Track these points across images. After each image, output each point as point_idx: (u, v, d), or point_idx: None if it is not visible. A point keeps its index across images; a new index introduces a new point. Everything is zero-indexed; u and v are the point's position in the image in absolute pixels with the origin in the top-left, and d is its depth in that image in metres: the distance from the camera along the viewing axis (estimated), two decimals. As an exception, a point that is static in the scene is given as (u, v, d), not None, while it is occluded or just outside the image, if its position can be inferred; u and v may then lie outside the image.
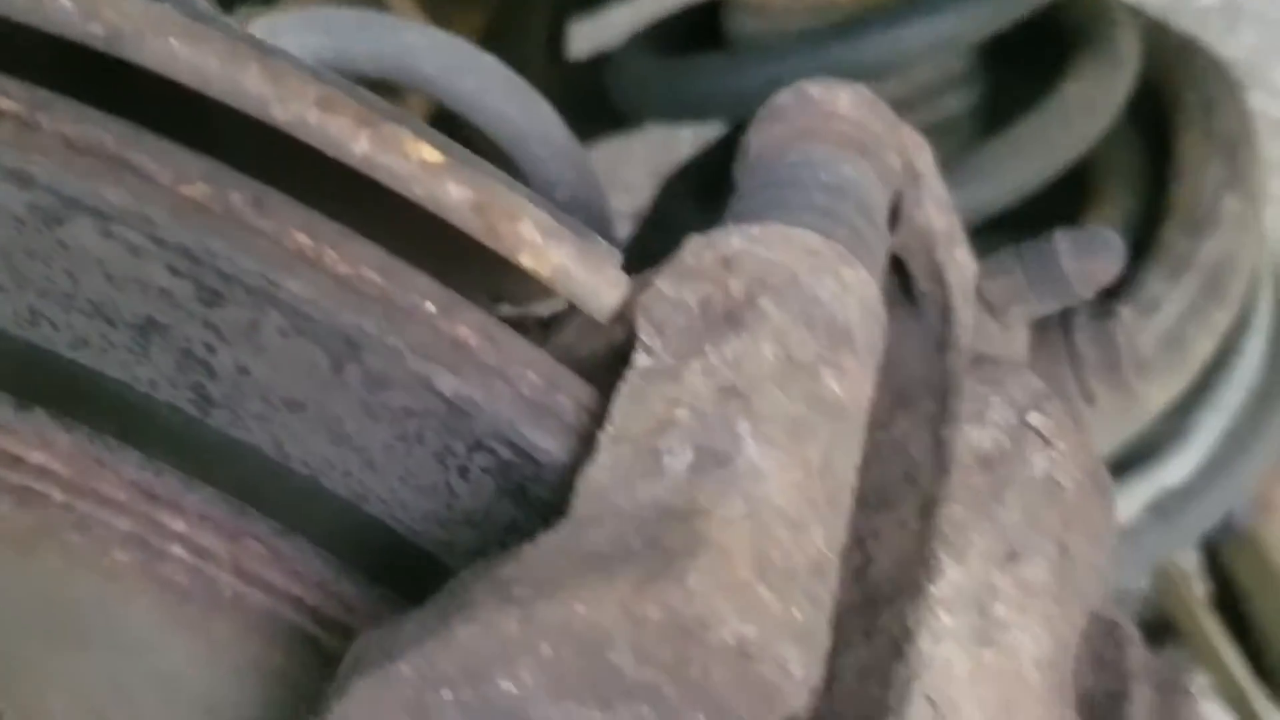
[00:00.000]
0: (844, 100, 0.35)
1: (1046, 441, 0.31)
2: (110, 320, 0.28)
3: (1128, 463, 0.71)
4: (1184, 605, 1.05)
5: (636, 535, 0.23)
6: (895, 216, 0.35)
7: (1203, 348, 0.71)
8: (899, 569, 0.28)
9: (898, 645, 0.26)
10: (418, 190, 0.26)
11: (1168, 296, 0.70)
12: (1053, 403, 0.32)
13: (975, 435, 0.30)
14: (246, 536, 0.31)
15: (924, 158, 0.35)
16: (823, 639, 0.24)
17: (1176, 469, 0.71)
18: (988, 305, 0.39)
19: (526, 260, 0.26)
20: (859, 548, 0.29)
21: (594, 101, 0.86)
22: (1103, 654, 0.37)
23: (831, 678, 0.26)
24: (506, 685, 0.24)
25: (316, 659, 0.31)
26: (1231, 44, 2.18)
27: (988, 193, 0.73)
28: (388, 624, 0.27)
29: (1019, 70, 0.83)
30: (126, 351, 0.28)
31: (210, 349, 0.28)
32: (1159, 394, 0.71)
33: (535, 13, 1.01)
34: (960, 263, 0.36)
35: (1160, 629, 1.25)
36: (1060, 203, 0.81)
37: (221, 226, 0.26)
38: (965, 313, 0.35)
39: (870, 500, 0.30)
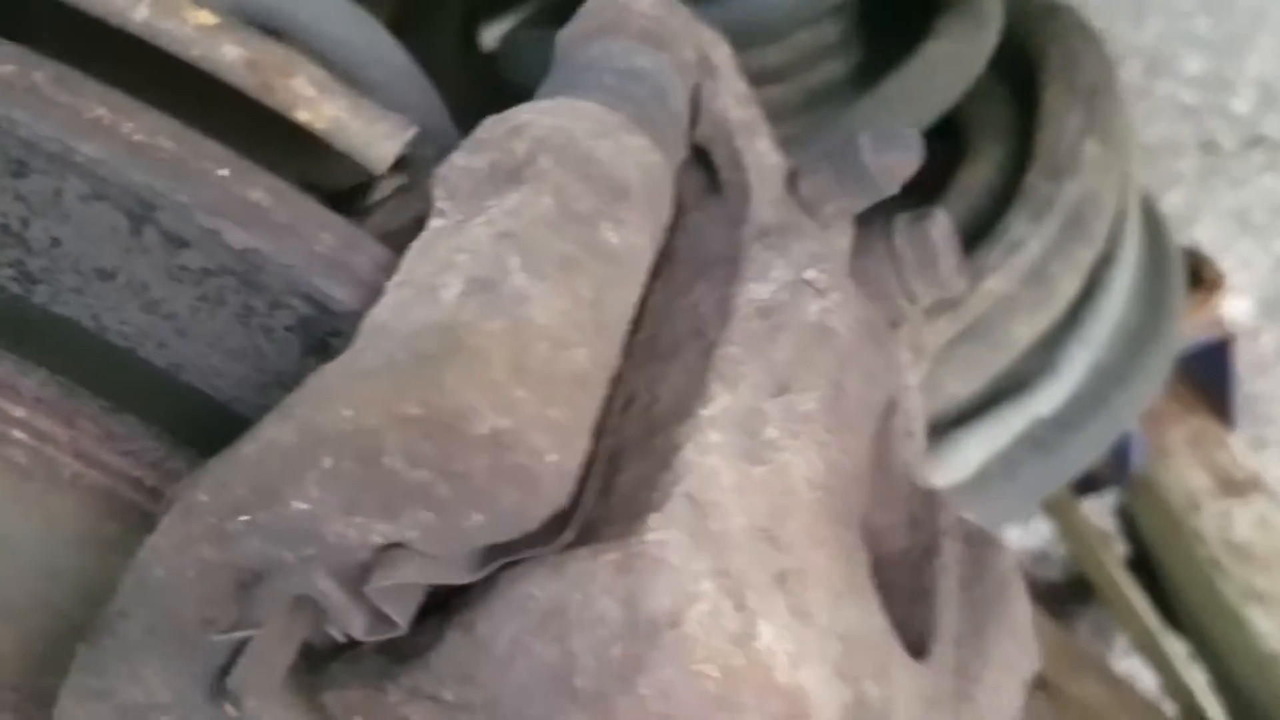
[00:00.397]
0: (644, 1, 0.37)
1: (820, 293, 0.33)
2: (-78, 199, 0.29)
3: (1001, 394, 0.74)
4: (1101, 567, 1.08)
5: (402, 349, 0.25)
6: (695, 109, 0.37)
7: (1067, 283, 0.75)
8: (678, 401, 0.30)
9: (666, 457, 0.28)
10: (195, 51, 0.28)
11: (1031, 236, 0.74)
12: (830, 262, 0.34)
13: (756, 290, 0.33)
14: (81, 418, 0.33)
15: (720, 53, 0.38)
16: (581, 439, 0.26)
17: (1047, 399, 0.74)
18: (803, 203, 0.41)
19: (302, 114, 0.28)
20: (648, 390, 0.31)
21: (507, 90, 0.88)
22: (917, 516, 0.39)
23: (609, 493, 0.28)
24: (298, 504, 0.26)
25: (150, 529, 0.33)
26: (1139, 33, 2.26)
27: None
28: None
29: (895, 36, 0.87)
30: (-58, 231, 0.30)
31: (24, 222, 0.29)
32: (1025, 328, 0.74)
33: (446, 6, 1.03)
34: (760, 151, 0.38)
35: (1080, 590, 1.29)
36: (940, 158, 0.84)
37: (24, 99, 0.28)
38: (763, 193, 0.37)
39: (663, 351, 0.32)
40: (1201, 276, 0.97)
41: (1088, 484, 1.09)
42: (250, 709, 0.27)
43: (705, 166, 0.39)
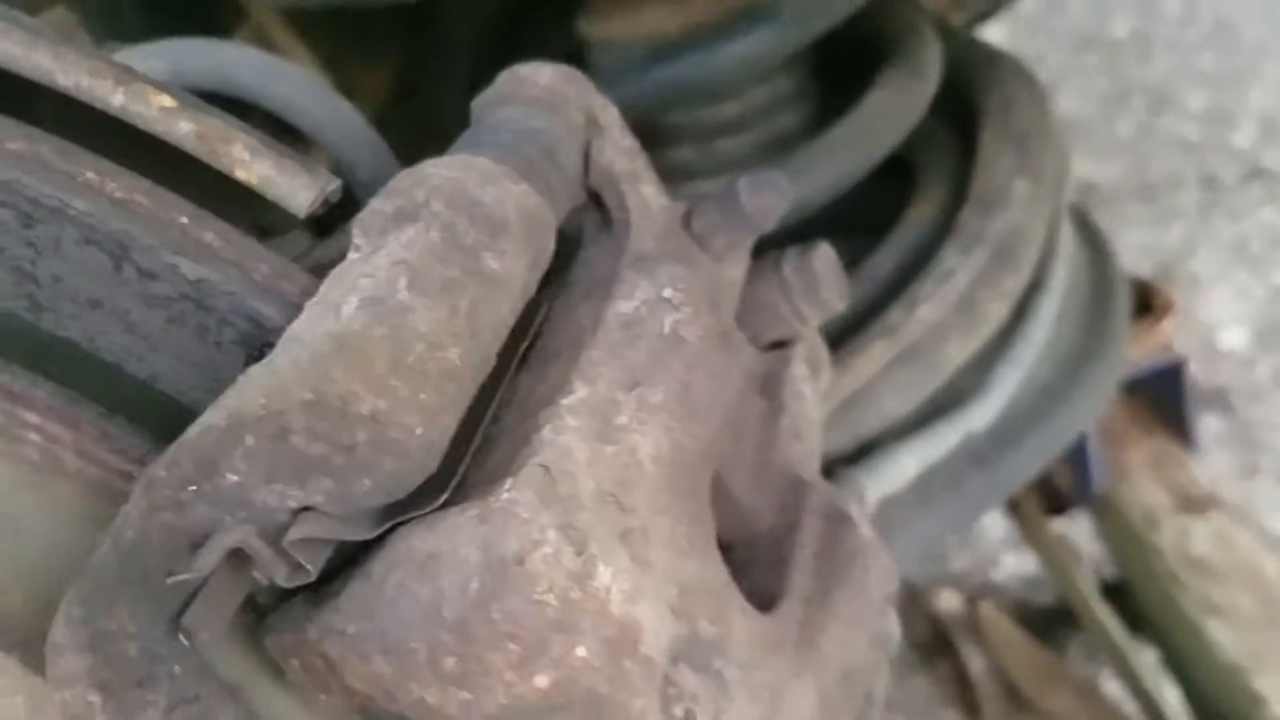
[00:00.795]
0: (544, 74, 0.45)
1: (675, 308, 0.40)
2: (-40, 250, 0.38)
3: (936, 412, 0.80)
4: (1072, 585, 1.13)
5: (304, 352, 0.33)
6: (587, 161, 0.45)
7: (995, 310, 0.81)
8: (546, 394, 0.37)
9: (528, 436, 0.35)
10: (159, 127, 0.36)
11: (960, 267, 0.80)
12: (688, 283, 0.42)
13: (623, 306, 0.40)
14: (83, 422, 0.41)
15: (609, 115, 0.46)
16: (447, 418, 0.33)
17: (980, 415, 0.80)
18: (696, 238, 0.49)
19: (240, 173, 0.36)
20: (529, 390, 0.39)
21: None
22: (786, 501, 0.46)
23: (481, 467, 0.36)
24: (230, 475, 0.34)
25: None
26: (1146, 70, 2.31)
27: (805, 190, 0.83)
28: (164, 455, 0.36)
29: (845, 89, 0.94)
30: (-22, 273, 0.38)
31: (33, 263, 0.38)
32: (956, 351, 0.80)
33: (454, 61, 1.12)
34: (645, 194, 0.46)
35: (1072, 615, 1.33)
36: (890, 198, 0.92)
37: (30, 166, 0.36)
38: (645, 228, 0.44)
39: (546, 359, 0.40)
40: (1151, 304, 1.03)
41: (1055, 505, 1.14)
42: (201, 642, 0.35)
43: (600, 208, 0.46)
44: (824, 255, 0.52)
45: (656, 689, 0.35)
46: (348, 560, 0.36)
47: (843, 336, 0.80)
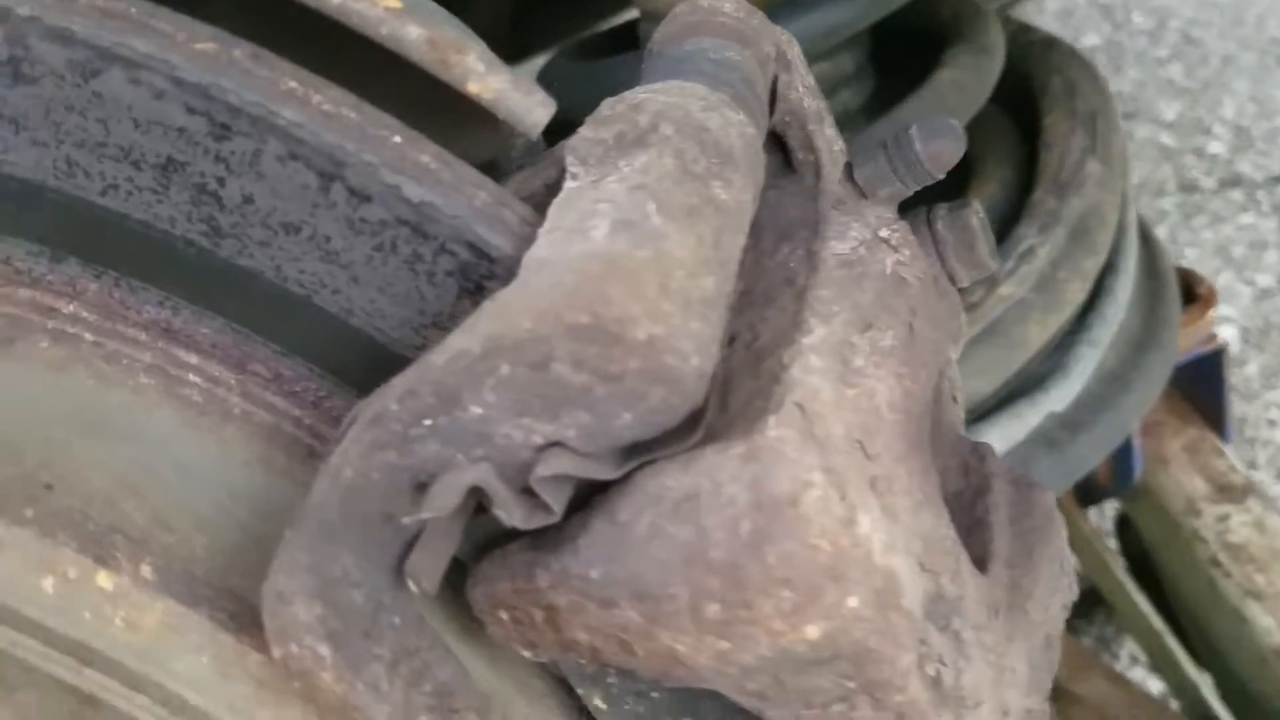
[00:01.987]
0: (727, 5, 0.43)
1: (894, 249, 0.38)
2: (136, 163, 0.34)
3: (1018, 392, 0.79)
4: (1107, 571, 1.13)
5: (567, 273, 0.30)
6: (773, 99, 0.43)
7: (1074, 290, 0.80)
8: (779, 334, 0.35)
9: (776, 374, 0.33)
10: (384, 30, 0.33)
11: (1040, 245, 0.80)
12: (900, 223, 0.40)
13: (838, 246, 0.38)
14: (252, 362, 0.38)
15: (794, 51, 0.44)
16: (713, 347, 0.31)
17: (1059, 397, 0.79)
18: (859, 189, 0.47)
19: (473, 86, 0.33)
20: (749, 330, 0.36)
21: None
22: (968, 463, 0.44)
23: (725, 409, 0.33)
24: (474, 408, 0.31)
25: (314, 459, 0.37)
26: (1119, 81, 2.35)
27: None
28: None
29: (905, 70, 0.93)
30: (150, 192, 0.35)
31: (220, 181, 0.34)
32: (1037, 330, 0.79)
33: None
34: (828, 135, 0.44)
35: (1085, 606, 1.34)
36: (949, 181, 0.90)
37: (229, 70, 0.33)
38: (832, 173, 0.42)
39: (758, 300, 0.38)
40: (1194, 292, 1.04)
41: (1091, 494, 1.14)
42: (424, 590, 0.32)
43: (780, 149, 0.44)
44: (977, 212, 0.50)
45: (915, 645, 0.33)
46: (578, 504, 0.33)
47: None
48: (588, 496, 0.33)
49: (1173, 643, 1.04)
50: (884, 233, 0.39)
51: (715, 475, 0.31)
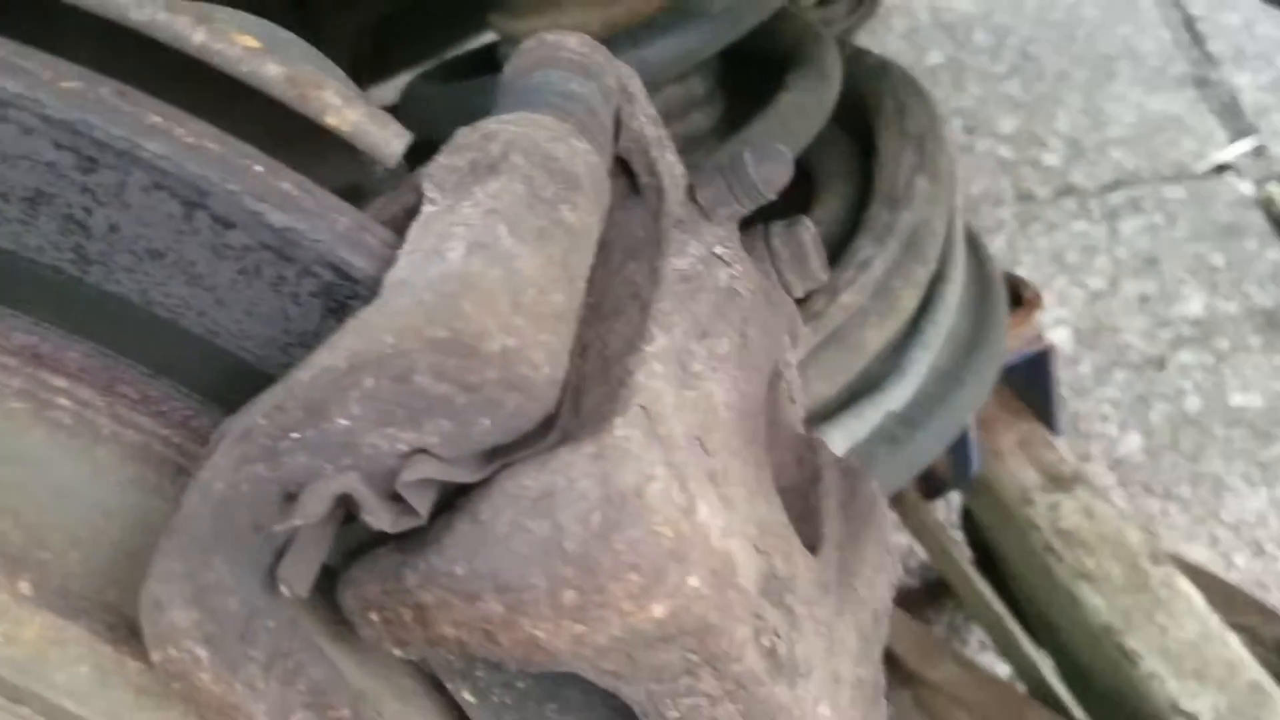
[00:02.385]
0: (572, 40, 0.46)
1: (728, 264, 0.42)
2: (4, 195, 0.36)
3: (859, 394, 0.85)
4: (952, 562, 1.20)
5: (426, 292, 0.33)
6: (618, 127, 0.46)
7: (908, 297, 0.87)
8: (626, 343, 0.38)
9: (623, 380, 0.36)
10: (243, 69, 0.35)
11: (876, 256, 0.86)
12: (734, 240, 0.44)
13: (678, 262, 0.42)
14: (121, 384, 0.39)
15: (635, 84, 0.47)
16: (563, 357, 0.34)
17: (897, 396, 0.85)
18: (700, 209, 0.51)
19: (331, 120, 0.36)
20: (599, 340, 0.40)
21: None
22: (802, 456, 0.49)
23: (577, 412, 0.37)
24: (341, 420, 0.33)
25: (184, 476, 0.39)
26: (960, 97, 2.48)
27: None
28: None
29: (755, 92, 0.98)
30: (18, 223, 0.36)
31: (88, 211, 0.36)
32: (875, 335, 0.85)
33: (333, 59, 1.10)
34: (670, 161, 0.47)
35: (935, 595, 1.42)
36: (793, 198, 0.96)
37: (95, 105, 0.35)
38: (674, 195, 0.46)
39: (606, 313, 0.41)
40: (1021, 296, 1.12)
41: (934, 488, 1.22)
42: (296, 595, 0.34)
43: (626, 174, 0.48)
44: (809, 228, 0.55)
45: (751, 619, 0.37)
46: (443, 507, 0.36)
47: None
48: (452, 500, 0.36)
49: (1014, 626, 1.12)
50: (719, 250, 0.43)
51: (568, 473, 0.34)
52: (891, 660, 1.23)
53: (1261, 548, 1.43)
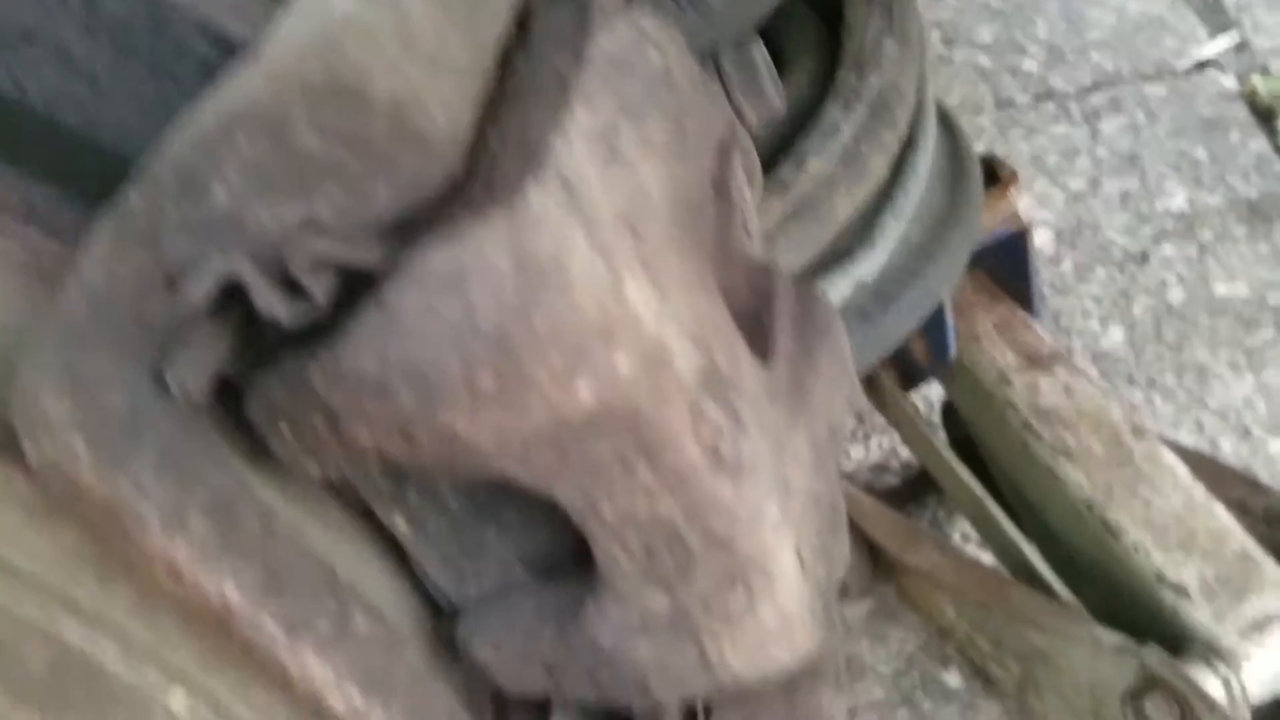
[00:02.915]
0: None
1: (660, 48, 0.39)
2: None
3: (829, 265, 0.82)
4: (932, 452, 1.18)
5: (303, 36, 0.30)
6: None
7: (877, 163, 0.83)
8: (546, 118, 0.35)
9: (538, 150, 0.33)
10: None
11: (843, 121, 0.82)
12: (666, 24, 0.40)
13: (608, 44, 0.38)
14: (-4, 189, 0.36)
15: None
16: (465, 115, 0.31)
17: (868, 266, 0.82)
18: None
19: None
20: (519, 118, 0.36)
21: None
22: (755, 279, 0.46)
23: (490, 185, 0.33)
24: (219, 190, 0.30)
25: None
26: (936, 9, 2.43)
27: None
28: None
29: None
30: None
31: None
32: (844, 204, 0.82)
33: None
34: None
35: (917, 491, 1.40)
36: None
37: None
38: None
39: (527, 95, 0.38)
40: (997, 175, 1.09)
41: (912, 376, 1.19)
42: (188, 396, 0.31)
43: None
44: (760, 49, 0.51)
45: (689, 411, 0.34)
46: (347, 301, 0.33)
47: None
48: (360, 291, 0.33)
49: (996, 511, 1.10)
50: (650, 32, 0.39)
51: (479, 246, 0.31)
52: (873, 551, 1.21)
53: (1249, 431, 1.41)
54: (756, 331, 0.44)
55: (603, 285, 0.32)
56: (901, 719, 1.20)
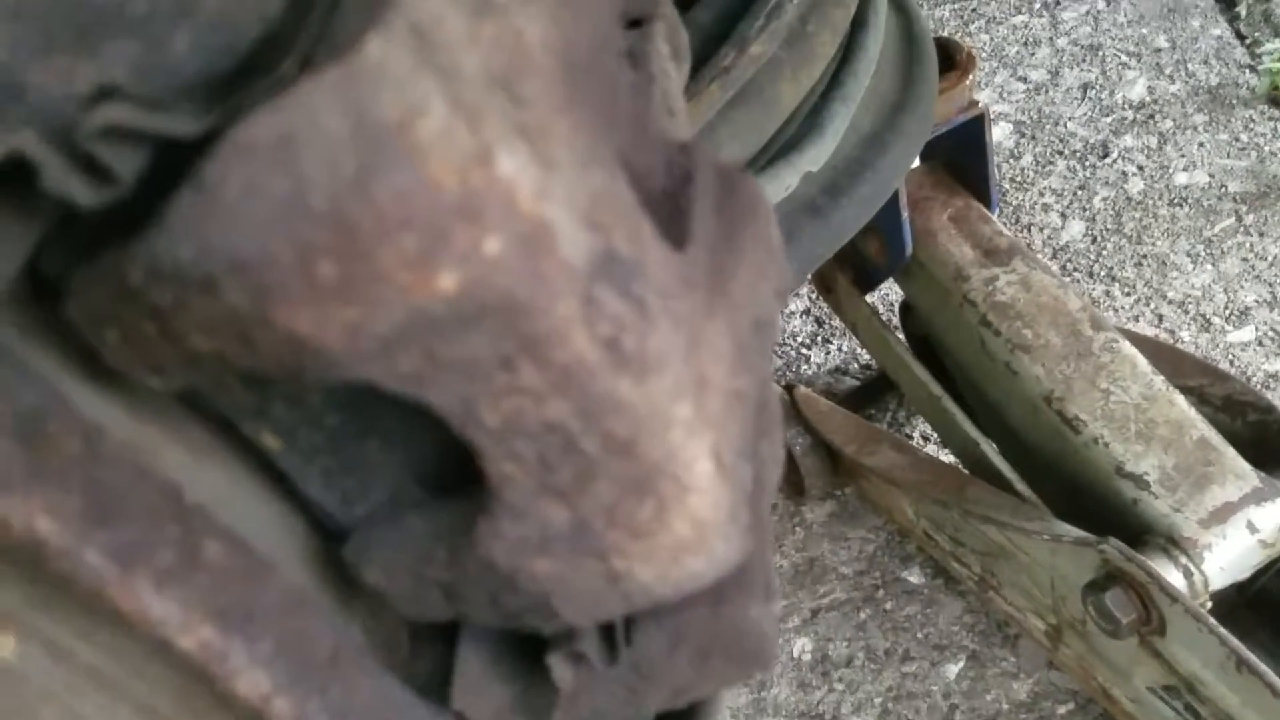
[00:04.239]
0: None
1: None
2: None
3: (775, 155, 0.77)
4: (889, 350, 1.14)
5: None
6: None
7: (824, 43, 0.78)
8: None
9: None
10: None
11: (788, 1, 0.76)
12: None
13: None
14: None
15: None
16: None
17: (815, 155, 0.77)
18: None
19: None
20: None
21: None
22: (673, 161, 0.41)
23: (329, 39, 0.28)
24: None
25: None
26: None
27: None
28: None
29: None
30: None
31: None
32: (791, 89, 0.77)
33: None
34: None
35: (875, 394, 1.36)
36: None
37: None
38: None
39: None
40: (953, 59, 1.03)
41: (868, 276, 1.15)
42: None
43: None
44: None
45: (579, 301, 0.30)
46: (168, 185, 0.28)
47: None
48: (178, 174, 0.28)
49: (953, 407, 1.07)
50: None
51: (309, 109, 0.26)
52: (833, 454, 1.18)
53: (1209, 321, 1.39)
54: (674, 216, 0.39)
55: (464, 154, 0.27)
56: (864, 618, 1.19)
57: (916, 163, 1.10)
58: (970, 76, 1.04)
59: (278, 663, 0.31)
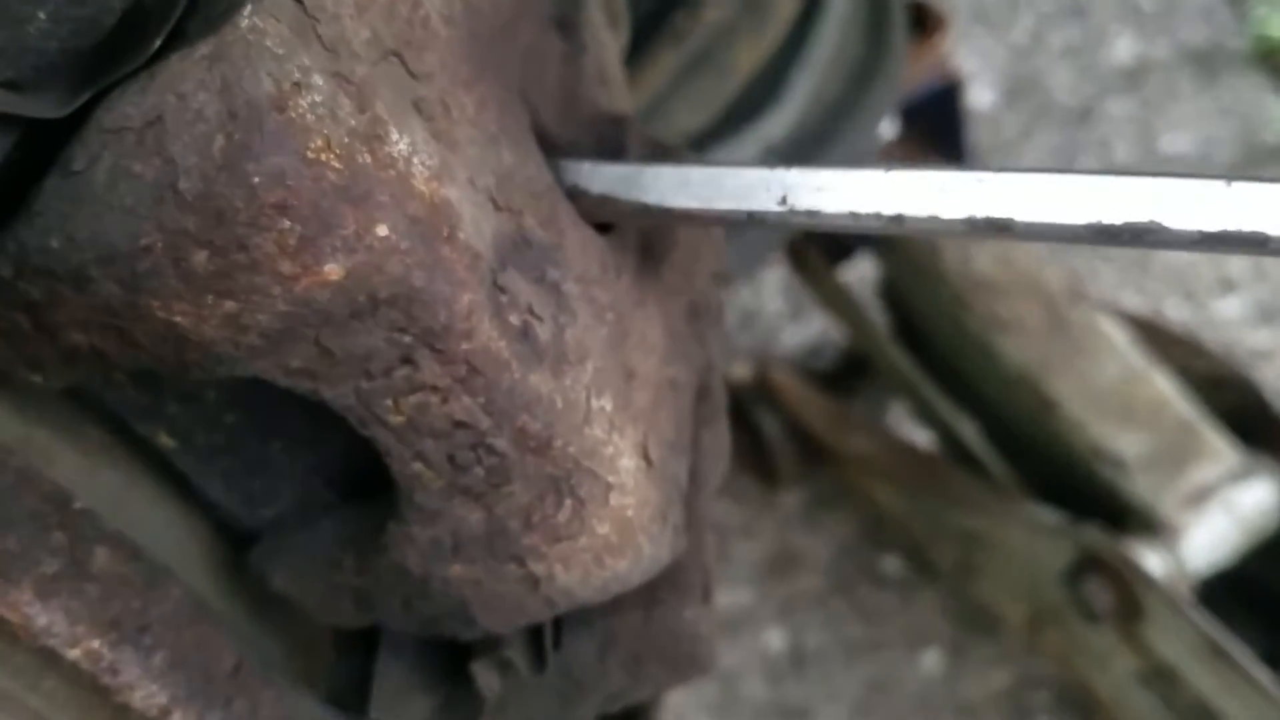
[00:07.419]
0: None
1: None
2: None
3: (732, 124, 0.74)
4: (866, 333, 1.12)
5: None
6: None
7: (783, 6, 0.75)
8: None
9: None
10: None
11: (746, -38, 0.73)
12: None
13: None
14: None
15: None
16: None
17: (775, 125, 0.75)
18: None
19: None
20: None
21: None
22: (603, 133, 0.39)
23: (203, 12, 0.26)
24: None
25: None
26: None
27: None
28: None
29: None
30: None
31: None
32: (747, 54, 0.74)
33: None
34: None
35: (850, 375, 1.35)
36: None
37: None
38: None
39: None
40: (924, 21, 1.01)
41: (839, 250, 1.13)
42: None
43: None
44: None
45: (486, 289, 0.27)
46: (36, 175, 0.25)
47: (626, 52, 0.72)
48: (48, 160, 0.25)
49: (928, 387, 1.05)
50: None
51: (179, 87, 0.24)
52: (807, 438, 1.17)
53: (1192, 293, 1.37)
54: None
55: (349, 133, 0.25)
56: (838, 607, 1.18)
57: (890, 131, 1.07)
58: (943, 38, 1.01)
59: (175, 675, 0.29)
